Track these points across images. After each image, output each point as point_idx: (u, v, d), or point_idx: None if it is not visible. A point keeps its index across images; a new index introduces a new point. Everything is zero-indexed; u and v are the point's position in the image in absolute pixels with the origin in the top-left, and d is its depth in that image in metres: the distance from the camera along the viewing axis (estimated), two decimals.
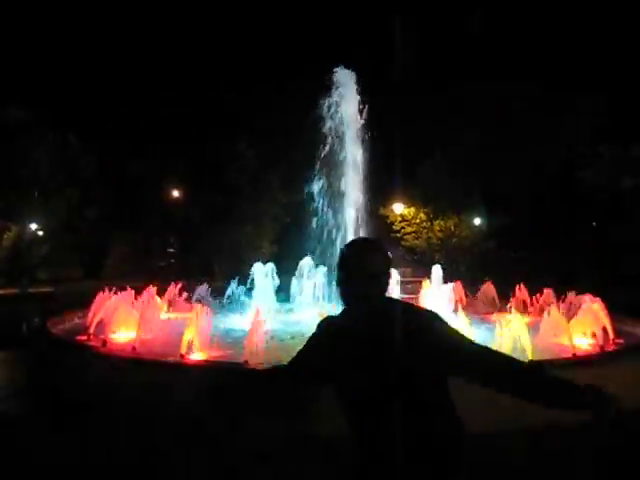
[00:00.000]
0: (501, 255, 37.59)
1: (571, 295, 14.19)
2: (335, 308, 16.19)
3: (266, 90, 40.22)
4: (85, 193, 39.72)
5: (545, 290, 15.72)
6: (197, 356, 9.92)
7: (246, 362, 9.27)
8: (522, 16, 42.64)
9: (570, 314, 12.84)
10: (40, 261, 39.93)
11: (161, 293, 16.15)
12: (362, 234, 17.14)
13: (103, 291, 13.60)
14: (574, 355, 10.04)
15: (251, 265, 17.40)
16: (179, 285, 17.30)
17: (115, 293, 13.64)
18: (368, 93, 17.86)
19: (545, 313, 12.16)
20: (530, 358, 9.62)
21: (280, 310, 16.76)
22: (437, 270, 16.73)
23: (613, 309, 12.53)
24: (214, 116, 41.82)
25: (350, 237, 16.96)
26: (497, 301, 17.63)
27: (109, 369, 9.72)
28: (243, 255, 37.34)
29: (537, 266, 32.02)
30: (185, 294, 17.26)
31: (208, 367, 9.39)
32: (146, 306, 13.81)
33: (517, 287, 16.95)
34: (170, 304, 16.49)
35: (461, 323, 10.38)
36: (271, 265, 17.25)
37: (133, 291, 14.39)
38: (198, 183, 41.99)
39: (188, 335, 10.02)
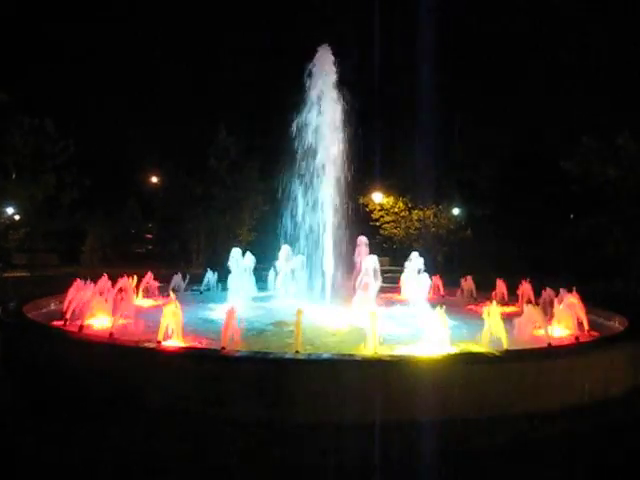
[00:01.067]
0: (477, 246, 37.82)
1: (548, 289, 14.32)
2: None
3: (246, 75, 40.18)
4: (61, 178, 39.29)
5: (523, 283, 15.85)
6: (173, 343, 9.88)
7: (223, 349, 9.26)
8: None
9: (548, 307, 13.03)
10: (16, 245, 39.52)
11: (137, 280, 16.05)
12: (341, 224, 17.11)
13: (79, 278, 13.48)
14: (549, 345, 10.12)
15: (229, 253, 17.31)
16: (155, 273, 17.20)
17: (91, 280, 13.55)
18: (348, 77, 17.79)
19: (525, 307, 12.25)
20: (505, 348, 9.71)
21: (258, 298, 16.76)
22: (415, 257, 16.69)
23: (589, 301, 12.69)
24: (194, 101, 41.70)
25: (329, 227, 16.97)
26: (475, 294, 17.78)
27: (86, 354, 9.67)
28: (221, 243, 37.25)
29: (513, 257, 32.28)
30: (161, 282, 17.22)
31: (185, 353, 9.36)
32: (121, 294, 13.78)
33: (497, 280, 17.07)
34: (146, 292, 16.40)
35: (438, 314, 10.39)
36: (248, 253, 17.20)
37: (108, 278, 14.29)
38: (177, 169, 41.83)
39: (165, 322, 9.97)
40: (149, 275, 16.80)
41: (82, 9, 45.96)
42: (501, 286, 16.89)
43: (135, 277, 15.86)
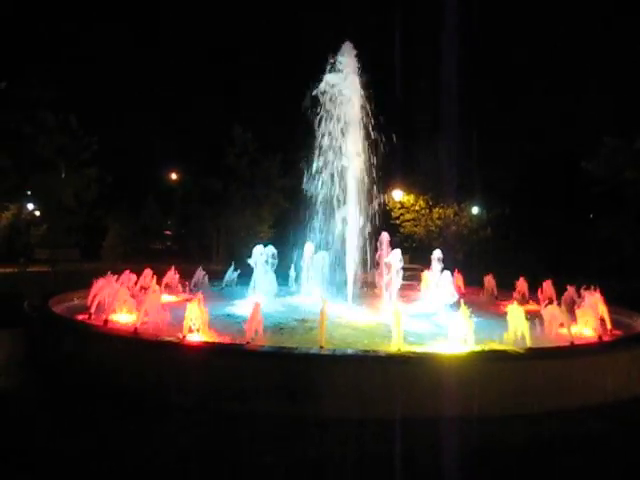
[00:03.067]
0: (497, 244, 37.71)
1: (571, 288, 14.25)
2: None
3: (264, 70, 40.27)
4: (84, 174, 39.64)
5: (545, 283, 15.79)
6: (198, 338, 9.95)
7: (248, 344, 9.33)
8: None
9: (570, 306, 12.99)
10: (38, 241, 39.90)
11: (158, 276, 16.09)
12: (363, 221, 17.13)
13: (103, 273, 13.57)
14: (572, 344, 10.11)
15: (250, 249, 17.33)
16: (176, 269, 17.27)
17: (114, 275, 13.66)
18: (370, 74, 17.73)
19: (548, 306, 12.23)
20: (529, 346, 9.70)
21: (280, 295, 16.79)
22: (437, 255, 16.68)
23: (611, 301, 12.63)
24: (213, 99, 41.86)
25: (350, 224, 16.97)
26: (496, 292, 17.76)
27: (111, 349, 9.75)
28: (241, 239, 37.34)
29: (533, 256, 32.16)
30: (181, 278, 17.30)
31: (210, 348, 9.43)
32: (146, 289, 13.89)
33: (518, 279, 17.04)
34: (168, 287, 16.46)
35: (462, 313, 10.39)
36: (271, 249, 17.20)
37: (132, 274, 14.40)
38: (196, 166, 41.98)
39: (189, 318, 10.04)
40: (172, 271, 16.88)
41: (105, 9, 46.37)
42: (522, 285, 16.87)
43: (155, 273, 15.93)
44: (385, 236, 16.69)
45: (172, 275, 16.85)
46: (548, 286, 15.57)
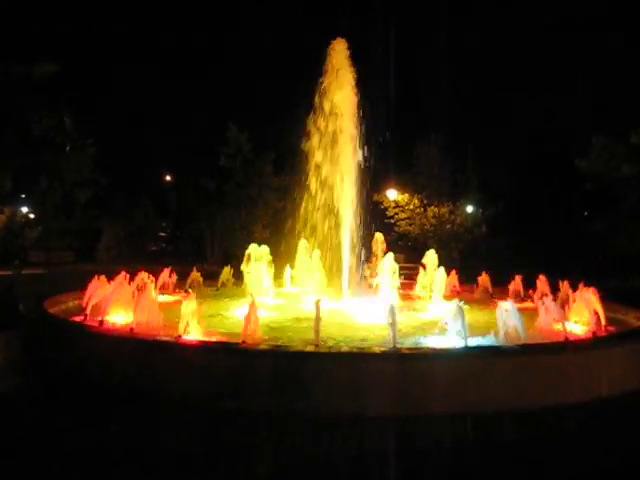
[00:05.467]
0: (492, 243, 37.82)
1: (565, 285, 14.27)
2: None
3: (258, 71, 40.27)
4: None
5: (539, 280, 15.80)
6: (193, 337, 9.96)
7: (243, 342, 9.35)
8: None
9: (564, 303, 13.03)
10: (32, 243, 39.85)
11: (153, 277, 16.07)
12: (358, 220, 17.13)
13: (98, 274, 13.55)
14: (566, 340, 10.14)
15: (244, 249, 17.35)
16: (171, 270, 17.28)
17: (109, 277, 13.64)
18: (364, 71, 17.72)
19: (542, 302, 12.26)
20: (523, 342, 9.74)
21: (275, 293, 16.81)
22: (432, 255, 16.76)
23: (605, 297, 12.65)
24: (205, 100, 41.88)
25: (345, 224, 16.97)
26: (491, 289, 17.77)
27: (107, 349, 9.77)
28: (236, 240, 37.32)
29: (527, 254, 32.28)
30: (177, 279, 17.33)
31: (205, 347, 9.45)
32: (141, 289, 13.90)
33: (512, 277, 17.06)
34: (163, 288, 16.46)
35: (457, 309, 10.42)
36: (266, 248, 17.24)
37: (127, 275, 14.38)
38: (190, 167, 41.97)
39: (185, 317, 10.06)
40: (166, 271, 16.90)
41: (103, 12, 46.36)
42: (517, 282, 16.89)
43: (150, 274, 15.91)
44: (379, 236, 16.76)
45: (167, 276, 16.89)
46: (542, 283, 15.61)
